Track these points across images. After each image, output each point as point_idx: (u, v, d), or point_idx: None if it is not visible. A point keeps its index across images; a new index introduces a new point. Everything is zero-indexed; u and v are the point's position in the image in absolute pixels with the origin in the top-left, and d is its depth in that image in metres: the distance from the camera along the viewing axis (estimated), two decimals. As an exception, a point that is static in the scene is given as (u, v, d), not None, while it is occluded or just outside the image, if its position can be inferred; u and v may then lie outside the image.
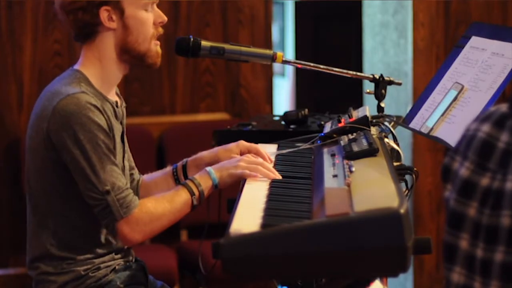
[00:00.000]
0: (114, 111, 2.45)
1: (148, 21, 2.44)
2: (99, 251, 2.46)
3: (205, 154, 2.63)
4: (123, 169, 2.47)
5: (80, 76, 2.41)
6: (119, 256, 2.51)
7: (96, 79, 2.43)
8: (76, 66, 2.46)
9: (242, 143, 2.60)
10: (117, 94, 2.54)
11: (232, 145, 2.61)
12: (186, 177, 2.61)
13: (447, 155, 1.56)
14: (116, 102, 2.48)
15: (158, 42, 2.48)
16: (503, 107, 1.51)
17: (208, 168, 2.45)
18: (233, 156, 2.55)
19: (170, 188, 2.51)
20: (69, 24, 2.43)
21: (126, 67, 2.48)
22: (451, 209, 1.50)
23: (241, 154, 2.58)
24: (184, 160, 2.65)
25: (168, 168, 2.67)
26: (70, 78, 2.41)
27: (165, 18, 2.49)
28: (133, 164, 2.66)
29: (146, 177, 2.70)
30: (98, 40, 2.43)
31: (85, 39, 2.44)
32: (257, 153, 2.56)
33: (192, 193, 2.40)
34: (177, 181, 2.62)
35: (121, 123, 2.49)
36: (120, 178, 2.34)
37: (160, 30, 2.49)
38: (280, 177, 2.43)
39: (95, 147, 2.31)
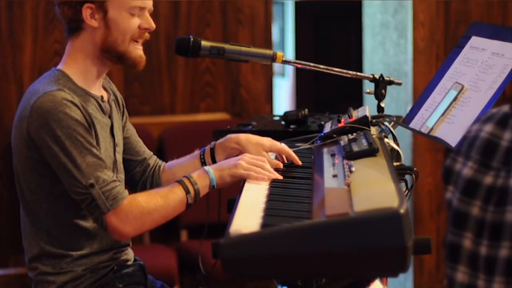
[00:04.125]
0: (100, 105, 2.45)
1: (131, 25, 2.43)
2: (96, 248, 2.45)
3: (233, 138, 2.60)
4: (115, 162, 2.47)
5: (60, 74, 2.42)
6: (118, 256, 2.51)
7: (78, 76, 2.43)
8: (59, 66, 2.47)
9: (275, 144, 2.57)
10: (106, 89, 2.54)
11: (265, 142, 2.57)
12: (213, 160, 2.59)
13: (448, 157, 1.56)
14: (102, 96, 2.48)
15: (140, 47, 2.47)
16: (505, 107, 1.52)
17: (207, 167, 2.44)
18: (262, 154, 2.53)
19: None
20: (60, 17, 2.47)
21: (109, 64, 2.49)
22: (455, 209, 1.51)
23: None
24: (212, 143, 2.63)
25: (196, 152, 2.65)
26: (50, 77, 2.42)
27: (153, 26, 2.48)
28: (142, 149, 2.64)
29: (171, 162, 2.69)
30: (81, 36, 2.44)
31: (70, 33, 2.46)
32: (288, 157, 2.55)
33: (187, 191, 2.38)
34: (204, 165, 2.59)
35: (109, 117, 2.49)
36: (105, 171, 2.33)
37: (147, 35, 2.49)
38: (281, 177, 2.43)
39: (74, 142, 2.30)
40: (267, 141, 2.58)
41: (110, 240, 2.46)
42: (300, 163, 2.54)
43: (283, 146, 2.58)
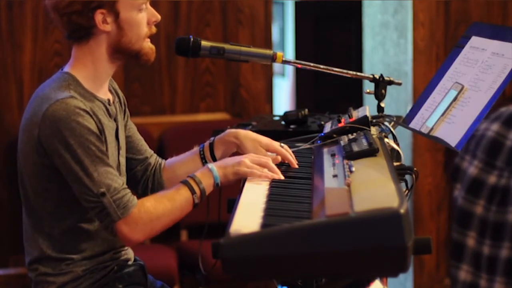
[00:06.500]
0: (106, 109, 2.45)
1: (142, 22, 2.43)
2: (96, 251, 2.45)
3: (232, 132, 2.61)
4: (118, 166, 2.47)
5: (69, 78, 2.40)
6: (117, 256, 2.51)
7: (86, 80, 2.42)
8: (67, 68, 2.45)
9: (272, 144, 2.57)
10: (111, 90, 2.53)
11: (262, 139, 2.58)
12: (212, 155, 2.60)
13: (458, 155, 1.57)
14: (108, 100, 2.48)
15: (149, 39, 2.48)
16: None
17: (210, 165, 2.44)
18: (258, 149, 2.54)
19: (198, 168, 2.50)
20: (61, 25, 2.42)
21: (118, 64, 2.48)
22: (459, 208, 1.51)
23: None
24: (212, 138, 2.64)
25: (195, 148, 2.66)
26: (59, 81, 2.40)
27: (159, 17, 2.48)
28: (144, 148, 2.64)
29: (171, 159, 2.69)
30: (91, 42, 2.41)
31: (78, 39, 2.43)
32: (284, 159, 2.54)
33: (193, 192, 2.38)
34: (203, 160, 2.61)
35: (115, 119, 2.48)
36: (116, 179, 2.33)
37: (154, 29, 2.48)
38: (283, 177, 2.42)
39: (86, 151, 2.30)
40: (265, 140, 2.58)
41: (111, 241, 2.46)
42: (296, 166, 2.54)
43: (280, 147, 2.57)
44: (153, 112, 4.71)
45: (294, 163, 2.54)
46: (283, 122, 3.15)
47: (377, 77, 2.88)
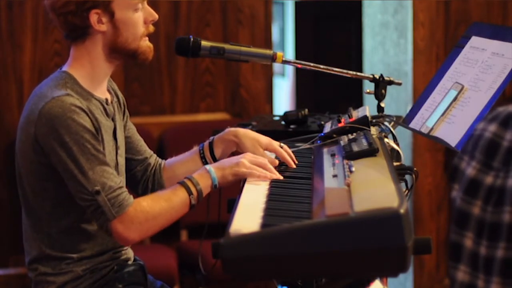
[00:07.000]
0: (104, 108, 2.45)
1: (138, 21, 2.44)
2: (96, 250, 2.45)
3: (231, 131, 2.62)
4: (116, 166, 2.47)
5: (67, 77, 2.41)
6: (117, 255, 2.51)
7: (84, 79, 2.42)
8: (65, 67, 2.45)
9: (272, 144, 2.57)
10: (109, 91, 2.54)
11: (262, 139, 2.58)
12: (212, 154, 2.61)
13: (456, 155, 1.57)
14: (106, 99, 2.48)
15: (147, 38, 2.48)
16: (511, 107, 1.52)
17: (208, 167, 2.44)
18: (257, 148, 2.55)
19: (198, 167, 2.50)
20: (59, 25, 2.43)
21: (116, 63, 2.48)
22: (457, 208, 1.52)
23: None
24: (211, 137, 2.64)
25: (195, 148, 2.66)
26: (57, 80, 2.40)
27: (156, 16, 2.48)
28: (144, 148, 2.65)
29: (171, 159, 2.70)
30: (87, 41, 2.42)
31: (75, 39, 2.44)
32: (282, 159, 2.54)
33: (190, 193, 2.38)
34: (203, 160, 2.61)
35: (112, 119, 2.49)
36: (112, 177, 2.33)
37: (151, 28, 2.49)
38: (282, 178, 2.42)
39: (82, 149, 2.30)
40: (265, 139, 2.58)
41: (110, 241, 2.46)
42: (293, 166, 2.54)
43: (279, 147, 2.57)
44: (153, 112, 4.71)
45: (292, 164, 2.54)
46: (283, 122, 3.15)
47: (377, 77, 2.88)
